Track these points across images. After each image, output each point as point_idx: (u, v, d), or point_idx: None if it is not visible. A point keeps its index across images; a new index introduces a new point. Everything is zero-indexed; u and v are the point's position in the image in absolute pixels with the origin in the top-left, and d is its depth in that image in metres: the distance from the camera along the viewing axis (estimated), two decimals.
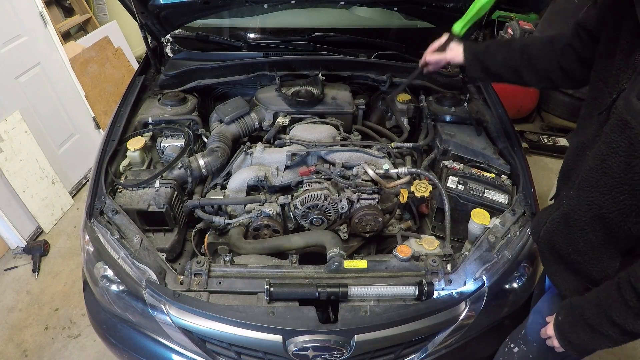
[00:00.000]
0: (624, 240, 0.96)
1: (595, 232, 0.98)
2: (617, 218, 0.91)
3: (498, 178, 1.65)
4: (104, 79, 3.62)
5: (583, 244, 1.02)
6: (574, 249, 1.05)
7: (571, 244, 1.05)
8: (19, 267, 2.73)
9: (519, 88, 3.80)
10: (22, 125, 2.74)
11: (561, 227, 1.08)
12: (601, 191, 0.92)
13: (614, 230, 0.94)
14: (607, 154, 0.89)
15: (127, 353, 1.53)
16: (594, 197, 0.94)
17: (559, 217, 1.09)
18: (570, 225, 1.03)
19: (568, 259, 1.08)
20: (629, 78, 0.89)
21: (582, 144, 1.05)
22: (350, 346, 1.27)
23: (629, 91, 0.86)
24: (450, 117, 1.94)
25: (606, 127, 0.91)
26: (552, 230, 1.11)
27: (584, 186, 0.97)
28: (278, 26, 2.46)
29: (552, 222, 1.12)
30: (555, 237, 1.10)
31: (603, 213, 0.93)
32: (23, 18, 2.82)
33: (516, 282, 1.45)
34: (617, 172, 0.87)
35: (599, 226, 0.96)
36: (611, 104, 0.91)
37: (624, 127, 0.85)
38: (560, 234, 1.08)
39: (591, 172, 0.94)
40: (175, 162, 1.69)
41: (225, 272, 1.36)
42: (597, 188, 0.93)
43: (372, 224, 1.63)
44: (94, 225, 1.45)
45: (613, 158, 0.88)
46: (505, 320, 1.53)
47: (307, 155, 1.76)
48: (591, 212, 0.96)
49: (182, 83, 2.10)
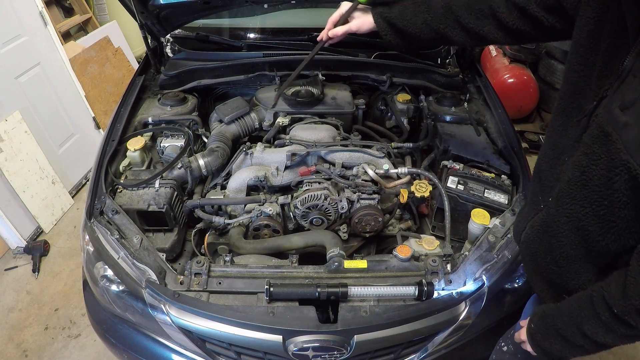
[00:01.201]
0: (602, 257, 0.92)
1: (573, 245, 0.93)
2: (597, 232, 0.87)
3: (498, 178, 1.65)
4: (104, 79, 3.62)
5: (560, 256, 0.97)
6: (552, 259, 1.01)
7: (549, 253, 1.01)
8: (19, 267, 2.73)
9: (518, 87, 3.81)
10: (22, 125, 2.74)
11: (540, 236, 1.03)
12: (581, 204, 0.87)
13: (592, 245, 0.89)
14: (587, 165, 0.84)
15: (127, 353, 1.53)
16: (574, 210, 0.89)
17: (538, 224, 1.04)
18: (550, 234, 0.99)
19: (546, 268, 1.04)
20: (611, 85, 0.81)
21: (560, 147, 0.98)
22: (350, 346, 1.27)
23: (611, 100, 0.80)
24: (450, 117, 1.94)
25: (586, 135, 0.85)
26: (532, 238, 1.07)
27: (563, 196, 0.92)
28: (278, 26, 2.45)
29: (532, 229, 1.06)
30: (534, 246, 1.06)
31: (583, 225, 0.88)
32: (23, 18, 2.82)
33: (516, 282, 1.45)
34: (598, 185, 0.82)
35: (578, 239, 0.92)
36: (592, 111, 0.85)
37: (604, 139, 0.79)
38: (539, 243, 1.04)
39: (570, 184, 0.89)
40: (175, 162, 1.69)
41: (225, 272, 1.36)
42: (577, 200, 0.88)
43: (372, 224, 1.63)
44: (94, 225, 1.45)
45: (593, 171, 0.82)
46: (505, 321, 1.53)
47: (307, 155, 1.76)
48: (570, 224, 0.91)
49: (182, 83, 2.10)
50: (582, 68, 0.89)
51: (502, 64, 3.97)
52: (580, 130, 0.89)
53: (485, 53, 4.33)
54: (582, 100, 0.90)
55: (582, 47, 0.88)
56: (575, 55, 0.90)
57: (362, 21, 1.27)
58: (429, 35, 1.21)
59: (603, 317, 0.86)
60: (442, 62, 2.28)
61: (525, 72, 3.87)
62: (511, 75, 3.82)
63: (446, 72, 2.13)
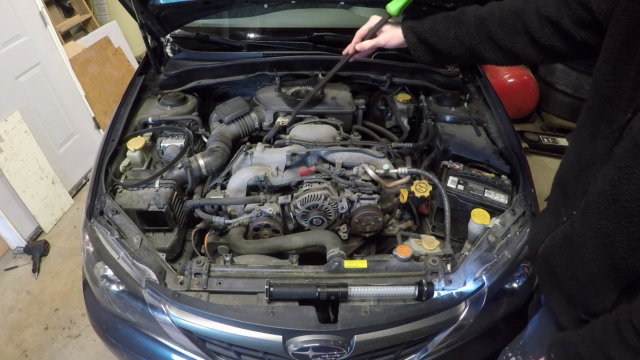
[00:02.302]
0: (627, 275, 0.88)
1: (597, 261, 0.90)
2: (624, 249, 0.83)
3: (498, 178, 1.65)
4: (104, 79, 3.62)
5: (583, 272, 0.94)
6: (573, 274, 0.97)
7: (570, 268, 0.97)
8: (19, 267, 2.73)
9: (518, 87, 3.81)
10: (22, 125, 2.74)
11: (562, 250, 0.99)
12: (609, 219, 0.84)
13: (617, 262, 0.86)
14: (618, 180, 0.81)
15: (127, 353, 1.53)
16: (601, 225, 0.86)
17: (561, 238, 1.00)
18: (573, 249, 0.95)
19: (565, 283, 1.00)
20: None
21: (587, 159, 0.94)
22: (350, 346, 1.27)
23: None
24: (450, 117, 1.94)
25: (618, 147, 0.82)
26: (552, 251, 1.03)
27: (590, 210, 0.89)
28: (278, 26, 2.46)
29: (553, 242, 1.02)
30: (554, 260, 1.02)
31: (609, 241, 0.85)
32: (23, 18, 2.82)
33: (516, 282, 1.45)
34: (629, 200, 0.79)
35: (603, 256, 0.88)
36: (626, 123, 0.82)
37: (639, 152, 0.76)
38: (560, 257, 1.00)
39: (600, 197, 0.86)
40: (175, 162, 1.69)
41: (225, 272, 1.36)
42: (606, 215, 0.85)
43: (372, 224, 1.63)
44: (94, 225, 1.46)
45: (625, 185, 0.79)
46: (505, 321, 1.53)
47: (307, 155, 1.76)
48: (596, 239, 0.88)
49: (182, 83, 2.10)
50: (614, 78, 0.86)
51: None
52: (611, 143, 0.86)
53: None
54: (613, 112, 0.87)
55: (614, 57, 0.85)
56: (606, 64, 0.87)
57: (391, 35, 1.24)
58: (460, 52, 1.18)
59: (632, 343, 0.81)
60: None
61: (525, 72, 3.87)
62: (511, 75, 3.82)
63: (446, 72, 2.13)
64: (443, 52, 1.19)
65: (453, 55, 1.19)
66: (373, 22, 1.27)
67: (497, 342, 1.51)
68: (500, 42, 1.11)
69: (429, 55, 1.22)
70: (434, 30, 1.18)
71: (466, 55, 1.18)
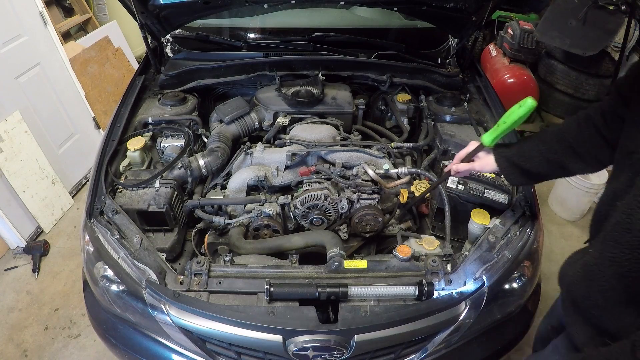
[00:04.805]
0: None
1: (615, 290, 0.92)
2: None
3: (498, 178, 1.65)
4: (104, 79, 3.61)
5: (603, 300, 0.96)
6: (593, 303, 0.99)
7: (589, 298, 0.99)
8: (19, 267, 2.73)
9: (518, 87, 3.81)
10: (22, 125, 2.74)
11: (580, 280, 1.01)
12: (623, 249, 0.86)
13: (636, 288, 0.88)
14: (634, 208, 0.83)
15: (127, 353, 1.53)
16: (616, 254, 0.88)
17: (580, 267, 1.02)
18: (590, 279, 0.97)
19: (587, 312, 1.02)
20: None
21: (613, 193, 0.97)
22: (350, 346, 1.27)
23: None
24: (450, 117, 1.94)
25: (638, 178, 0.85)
26: (574, 281, 1.05)
27: (608, 240, 0.91)
28: (278, 26, 2.46)
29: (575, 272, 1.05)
30: (575, 289, 1.04)
31: (625, 272, 0.87)
32: (23, 18, 2.82)
33: (516, 282, 1.45)
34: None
35: (620, 285, 0.90)
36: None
37: None
38: (579, 286, 1.02)
39: (616, 227, 0.88)
40: (175, 162, 1.69)
41: (225, 272, 1.36)
42: (620, 244, 0.86)
43: (372, 224, 1.63)
44: (94, 225, 1.46)
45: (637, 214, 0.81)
46: (505, 321, 1.53)
47: (307, 155, 1.76)
48: (612, 268, 0.90)
49: (182, 83, 2.11)
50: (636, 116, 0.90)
51: (502, 64, 3.97)
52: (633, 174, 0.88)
53: (485, 53, 4.33)
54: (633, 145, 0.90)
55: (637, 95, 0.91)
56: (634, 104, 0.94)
57: (485, 162, 1.30)
58: (547, 168, 1.22)
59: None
60: (442, 62, 2.29)
61: (525, 72, 3.86)
62: (511, 75, 3.82)
63: (446, 72, 2.14)
64: (532, 171, 1.23)
65: (542, 172, 1.24)
66: (471, 147, 1.34)
67: (497, 342, 1.52)
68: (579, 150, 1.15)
69: (521, 177, 1.27)
70: (521, 152, 1.24)
71: (554, 170, 1.22)
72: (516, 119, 1.15)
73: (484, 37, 4.51)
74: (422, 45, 2.39)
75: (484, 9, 1.89)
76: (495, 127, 1.23)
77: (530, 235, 1.44)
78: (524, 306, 1.54)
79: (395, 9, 2.11)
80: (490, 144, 1.26)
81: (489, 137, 1.25)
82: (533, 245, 1.44)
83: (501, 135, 1.23)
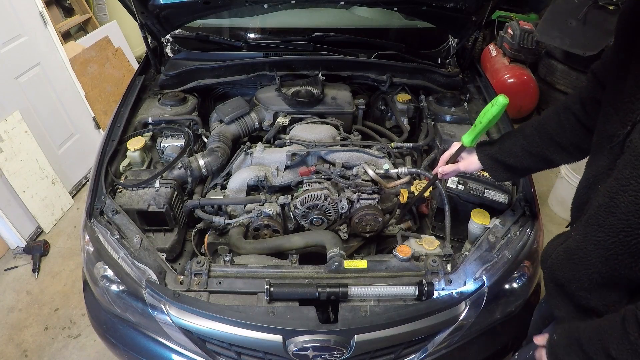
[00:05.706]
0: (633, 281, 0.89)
1: (600, 273, 0.91)
2: (627, 261, 0.84)
3: None
4: (104, 79, 3.61)
5: (588, 283, 0.95)
6: (579, 286, 0.98)
7: (575, 281, 0.98)
8: (19, 267, 2.73)
9: (518, 88, 3.81)
10: (22, 125, 2.74)
11: (564, 263, 1.01)
12: (607, 232, 0.85)
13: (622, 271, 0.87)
14: (616, 191, 0.82)
15: (127, 353, 1.53)
16: (601, 237, 0.87)
17: (563, 251, 1.02)
18: (575, 262, 0.96)
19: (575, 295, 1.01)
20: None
21: (593, 177, 0.97)
22: (350, 346, 1.27)
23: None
24: (450, 117, 1.94)
25: (620, 161, 0.84)
26: (556, 264, 1.04)
27: (591, 223, 0.90)
28: (278, 26, 2.46)
29: (557, 256, 1.04)
30: (558, 272, 1.04)
31: (610, 255, 0.86)
32: (23, 18, 2.82)
33: (516, 282, 1.45)
34: (626, 213, 0.80)
35: (605, 267, 0.89)
36: (625, 137, 0.84)
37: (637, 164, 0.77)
38: (564, 270, 1.02)
39: (599, 210, 0.87)
40: (175, 162, 1.69)
41: (225, 272, 1.36)
42: (604, 228, 0.86)
43: (372, 224, 1.63)
44: (94, 225, 1.46)
45: (622, 197, 0.80)
46: (505, 321, 1.53)
47: (307, 155, 1.76)
48: (597, 252, 0.89)
49: (182, 83, 2.11)
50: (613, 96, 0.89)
51: (502, 64, 3.97)
52: (613, 157, 0.88)
53: (485, 53, 4.33)
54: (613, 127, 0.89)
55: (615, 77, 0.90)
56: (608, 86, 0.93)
57: (469, 161, 1.32)
58: (530, 162, 1.22)
59: (632, 337, 0.82)
60: (442, 62, 2.29)
61: (525, 72, 3.87)
62: (511, 75, 3.82)
63: (446, 72, 2.13)
64: (516, 166, 1.24)
65: (526, 166, 1.24)
66: (454, 149, 1.35)
67: (497, 342, 1.52)
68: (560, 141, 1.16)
69: (506, 173, 1.28)
70: (503, 148, 1.25)
71: (538, 163, 1.22)
72: (490, 117, 1.17)
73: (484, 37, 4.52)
74: (422, 45, 2.39)
75: (484, 9, 1.89)
76: (472, 128, 1.25)
77: (530, 235, 1.44)
78: (524, 306, 1.54)
79: (395, 9, 2.11)
80: (470, 144, 1.28)
81: (468, 138, 1.27)
82: (533, 245, 1.44)
83: (480, 135, 1.25)
